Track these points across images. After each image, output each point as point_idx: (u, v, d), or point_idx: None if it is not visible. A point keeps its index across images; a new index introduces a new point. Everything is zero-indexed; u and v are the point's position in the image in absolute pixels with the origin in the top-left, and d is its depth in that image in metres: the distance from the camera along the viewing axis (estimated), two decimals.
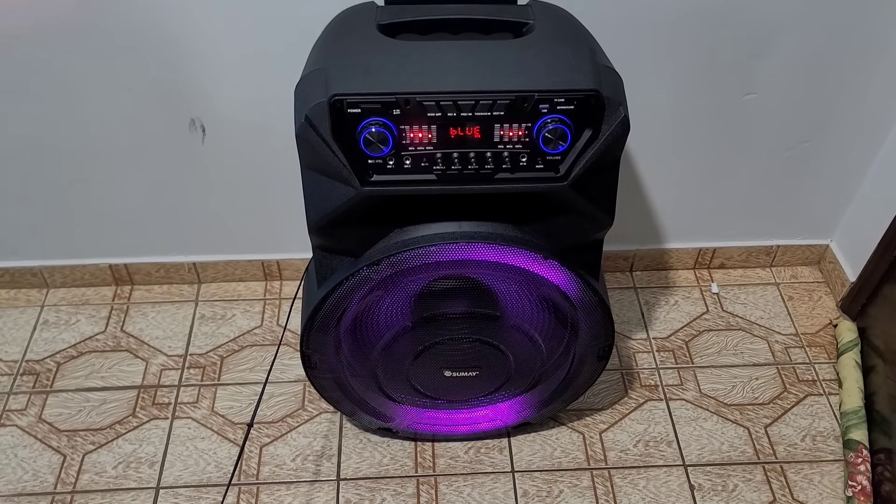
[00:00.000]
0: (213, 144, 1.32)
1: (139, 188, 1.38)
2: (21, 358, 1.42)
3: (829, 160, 1.42)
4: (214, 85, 1.23)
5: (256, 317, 1.50)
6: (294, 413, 1.34)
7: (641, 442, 1.31)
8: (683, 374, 1.42)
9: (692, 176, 1.44)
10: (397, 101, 0.85)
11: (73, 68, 1.19)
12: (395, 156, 0.89)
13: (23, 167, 1.33)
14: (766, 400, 1.38)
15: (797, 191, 1.47)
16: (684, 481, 1.26)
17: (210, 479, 1.25)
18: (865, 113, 1.34)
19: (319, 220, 0.95)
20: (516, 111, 0.87)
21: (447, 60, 0.89)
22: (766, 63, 1.25)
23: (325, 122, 0.86)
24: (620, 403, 1.37)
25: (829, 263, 1.57)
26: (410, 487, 1.25)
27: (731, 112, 1.32)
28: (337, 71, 0.87)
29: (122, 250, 1.49)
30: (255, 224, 1.46)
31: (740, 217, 1.52)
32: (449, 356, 1.13)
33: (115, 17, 1.13)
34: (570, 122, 0.88)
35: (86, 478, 1.25)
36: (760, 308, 1.54)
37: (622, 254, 1.57)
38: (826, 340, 1.48)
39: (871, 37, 1.22)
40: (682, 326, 1.50)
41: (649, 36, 1.21)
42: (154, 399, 1.36)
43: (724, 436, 1.32)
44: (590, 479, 1.26)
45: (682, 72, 1.26)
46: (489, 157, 0.90)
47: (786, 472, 1.27)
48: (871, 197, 1.44)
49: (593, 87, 0.86)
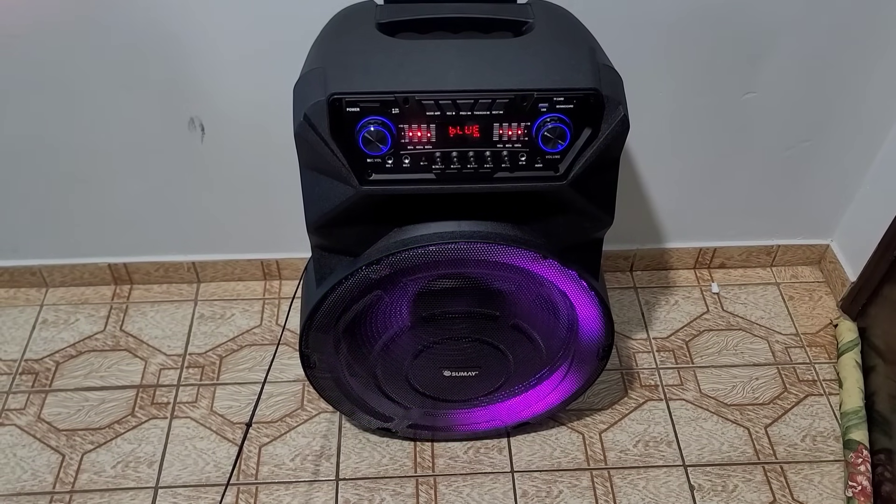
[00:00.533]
0: (213, 143, 1.31)
1: (138, 187, 1.38)
2: (20, 357, 1.42)
3: (830, 160, 1.41)
4: (214, 84, 1.23)
5: (256, 316, 1.50)
6: (293, 413, 1.34)
7: (641, 442, 1.31)
8: (683, 374, 1.41)
9: (692, 175, 1.43)
10: (396, 100, 0.85)
11: (73, 67, 1.19)
12: (394, 155, 0.89)
13: (22, 166, 1.33)
14: (767, 400, 1.37)
15: (797, 190, 1.47)
16: (684, 481, 1.26)
17: (209, 478, 1.25)
18: (865, 113, 1.33)
19: (318, 220, 0.95)
20: (515, 110, 0.86)
21: (446, 59, 0.89)
22: (765, 63, 1.25)
23: (323, 121, 0.86)
24: (620, 403, 1.37)
25: (829, 263, 1.57)
26: (409, 487, 1.25)
27: (732, 112, 1.32)
28: (336, 70, 0.87)
29: (121, 250, 1.49)
30: (254, 223, 1.46)
31: (741, 217, 1.52)
32: (448, 356, 1.12)
33: (115, 15, 1.13)
34: (569, 121, 0.87)
35: (84, 477, 1.25)
36: (761, 308, 1.53)
37: (622, 253, 1.57)
38: (826, 340, 1.47)
39: (870, 37, 1.22)
40: (683, 326, 1.50)
41: (649, 35, 1.20)
42: (153, 398, 1.36)
43: (724, 436, 1.32)
44: (589, 480, 1.26)
45: (682, 71, 1.26)
46: (488, 156, 0.90)
47: (786, 473, 1.27)
48: (872, 197, 1.43)
49: (593, 86, 0.86)
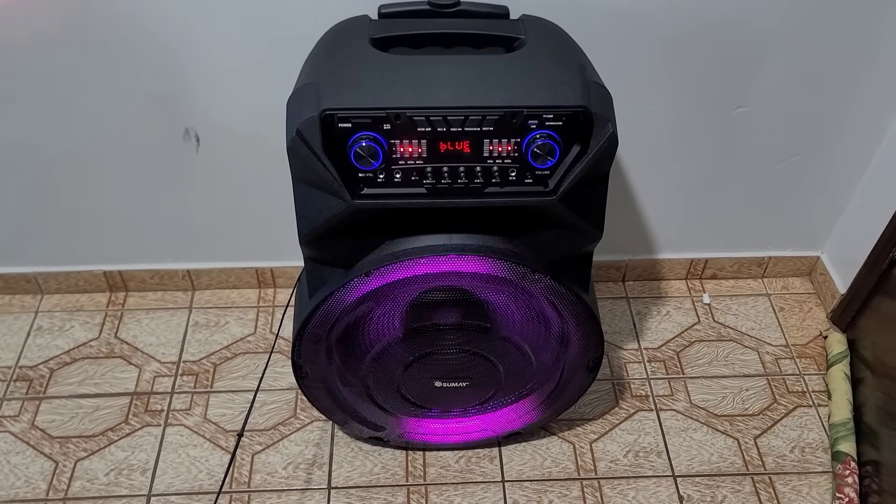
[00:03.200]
0: (208, 154, 1.32)
1: (134, 196, 1.39)
2: (14, 364, 1.42)
3: (820, 173, 1.43)
4: (209, 95, 1.23)
5: (250, 324, 1.51)
6: (286, 421, 1.35)
7: (631, 452, 1.32)
8: (674, 384, 1.42)
9: (684, 187, 1.44)
10: (388, 115, 0.86)
11: (69, 78, 1.20)
12: (386, 170, 0.90)
13: (18, 174, 1.34)
14: (756, 411, 1.38)
15: (788, 203, 1.48)
16: (673, 492, 1.27)
17: (202, 486, 1.26)
18: (855, 127, 1.35)
19: (311, 233, 0.96)
20: (505, 126, 0.88)
21: (438, 76, 0.90)
22: (756, 78, 1.26)
23: (316, 137, 0.87)
24: (611, 414, 1.38)
25: (819, 275, 1.58)
26: (401, 496, 1.25)
27: (723, 125, 1.33)
28: (328, 85, 0.88)
29: (116, 257, 1.50)
30: (248, 232, 1.47)
31: (732, 228, 1.53)
32: (439, 367, 1.13)
33: (111, 27, 1.14)
34: (558, 137, 0.88)
35: (78, 485, 1.25)
36: (752, 319, 1.54)
37: (614, 264, 1.58)
38: (816, 352, 1.48)
39: (858, 52, 1.23)
40: (674, 337, 1.51)
41: (641, 51, 1.22)
42: (147, 406, 1.36)
43: (713, 447, 1.33)
44: (580, 490, 1.27)
45: (673, 85, 1.27)
46: (479, 172, 0.91)
47: (774, 484, 1.28)
48: (861, 209, 1.45)
49: (581, 104, 0.87)
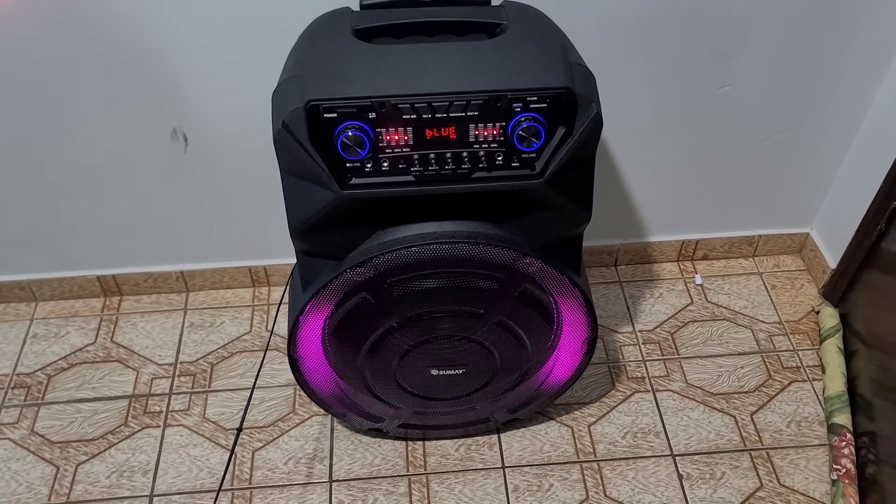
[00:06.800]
0: (196, 153, 1.32)
1: (124, 199, 1.39)
2: (12, 371, 1.42)
3: (806, 150, 1.44)
4: (195, 95, 1.24)
5: (245, 323, 1.51)
6: (285, 417, 1.35)
7: (630, 434, 1.33)
8: (670, 365, 1.43)
9: (672, 169, 1.45)
10: (372, 104, 0.86)
11: (56, 80, 1.20)
12: (373, 158, 0.90)
13: (6, 180, 1.34)
14: (752, 388, 1.39)
15: (776, 181, 1.49)
16: (673, 471, 1.28)
17: (203, 485, 1.26)
18: (839, 102, 1.36)
19: (301, 225, 0.97)
20: (490, 111, 0.88)
21: (421, 63, 0.90)
22: (738, 56, 1.27)
23: (302, 128, 0.87)
24: (608, 396, 1.38)
25: (809, 251, 1.59)
26: (402, 486, 1.26)
27: (708, 105, 1.34)
28: (312, 77, 0.89)
29: (109, 261, 1.50)
30: (240, 231, 1.47)
31: (721, 208, 1.54)
32: (435, 355, 1.14)
33: (96, 29, 1.14)
34: (543, 119, 0.89)
35: (80, 488, 1.26)
36: (744, 297, 1.55)
37: (606, 248, 1.59)
38: (809, 327, 1.50)
39: (840, 28, 1.24)
40: (668, 318, 1.52)
41: (623, 32, 1.22)
42: (145, 408, 1.37)
43: (710, 425, 1.34)
44: (579, 472, 1.28)
45: (657, 67, 1.28)
46: (465, 157, 0.91)
47: (772, 458, 1.29)
48: (848, 185, 1.46)
49: (565, 85, 0.88)
